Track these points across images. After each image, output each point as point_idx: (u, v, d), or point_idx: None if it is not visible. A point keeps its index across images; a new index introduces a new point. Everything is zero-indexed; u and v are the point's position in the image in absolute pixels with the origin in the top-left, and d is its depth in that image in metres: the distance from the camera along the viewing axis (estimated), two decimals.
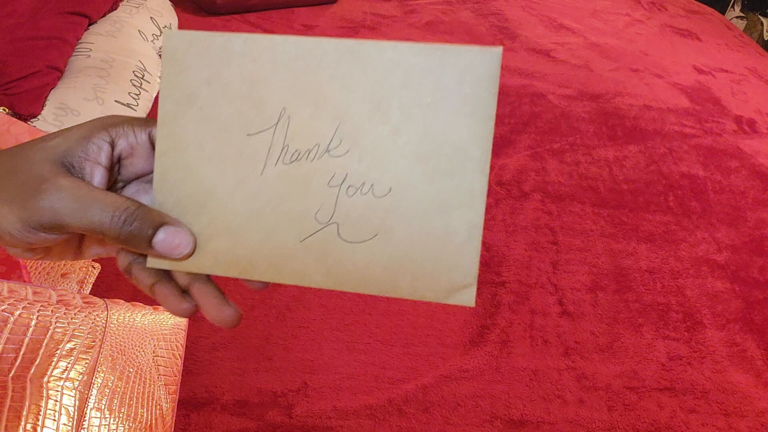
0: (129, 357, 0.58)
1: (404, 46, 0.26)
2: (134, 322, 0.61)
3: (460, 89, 0.26)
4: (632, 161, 1.15)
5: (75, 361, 0.52)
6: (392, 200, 0.27)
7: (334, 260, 0.27)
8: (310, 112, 0.27)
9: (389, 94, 0.26)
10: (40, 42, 1.01)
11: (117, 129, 0.29)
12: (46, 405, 0.48)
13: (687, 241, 1.00)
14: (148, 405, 0.58)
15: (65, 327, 0.53)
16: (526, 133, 1.19)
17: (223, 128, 0.27)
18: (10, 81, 0.93)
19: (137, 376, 0.58)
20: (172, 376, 0.64)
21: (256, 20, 1.43)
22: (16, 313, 0.51)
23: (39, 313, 0.53)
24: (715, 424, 0.76)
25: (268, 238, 0.27)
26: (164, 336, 0.65)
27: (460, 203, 0.26)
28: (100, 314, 0.58)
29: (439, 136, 0.26)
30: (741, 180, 1.15)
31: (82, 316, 0.56)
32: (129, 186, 0.30)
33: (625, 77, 1.40)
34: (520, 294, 0.88)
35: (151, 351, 0.61)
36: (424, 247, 0.27)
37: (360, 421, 0.71)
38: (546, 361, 0.80)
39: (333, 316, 0.81)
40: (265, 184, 0.27)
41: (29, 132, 0.83)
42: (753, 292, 0.93)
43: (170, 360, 0.64)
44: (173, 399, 0.63)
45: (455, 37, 1.48)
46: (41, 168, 0.26)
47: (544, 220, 1.00)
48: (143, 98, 1.06)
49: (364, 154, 0.26)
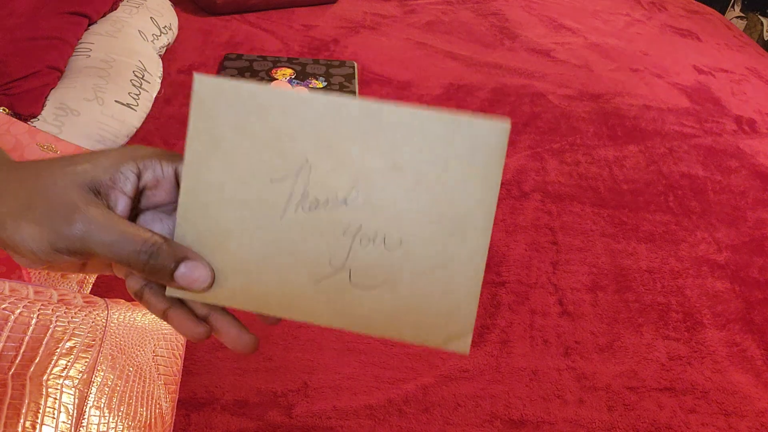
0: (129, 356, 0.58)
1: (422, 114, 0.28)
2: (134, 322, 0.61)
3: (471, 157, 0.28)
4: (632, 161, 1.15)
5: (75, 360, 0.52)
6: (402, 253, 0.29)
7: (343, 303, 0.30)
8: (331, 165, 0.28)
9: (406, 156, 0.28)
10: (40, 42, 1.01)
11: (145, 162, 0.30)
12: (45, 403, 0.48)
13: (687, 241, 1.00)
14: (147, 404, 0.58)
15: (65, 326, 0.53)
16: (526, 133, 1.19)
17: (247, 173, 0.29)
18: (10, 81, 0.93)
19: (137, 375, 0.58)
20: (172, 376, 0.64)
21: (256, 20, 1.43)
22: (16, 312, 0.51)
23: (39, 311, 0.53)
24: (715, 424, 0.76)
25: (283, 278, 0.30)
26: (164, 336, 0.65)
27: (463, 261, 0.29)
28: (101, 313, 0.58)
29: (448, 199, 0.28)
30: (741, 180, 1.15)
31: (82, 315, 0.56)
32: (145, 214, 0.32)
33: (625, 77, 1.40)
34: (520, 294, 0.88)
35: (151, 350, 0.62)
36: (428, 298, 0.29)
37: (360, 421, 0.71)
38: (546, 361, 0.80)
39: None
40: (284, 227, 0.29)
41: (29, 132, 0.83)
42: (753, 292, 0.93)
43: (170, 360, 0.64)
44: (173, 398, 0.63)
45: (455, 36, 1.48)
46: (71, 194, 0.28)
47: (544, 220, 1.00)
48: (143, 98, 1.06)
49: (379, 208, 0.29)
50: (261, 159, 0.29)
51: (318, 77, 1.23)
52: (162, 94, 1.13)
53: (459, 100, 1.25)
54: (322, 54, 1.34)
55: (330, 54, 1.34)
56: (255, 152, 0.29)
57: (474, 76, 1.33)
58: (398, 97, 1.23)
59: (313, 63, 1.27)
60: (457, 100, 1.25)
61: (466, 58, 1.40)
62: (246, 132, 0.29)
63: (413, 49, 1.41)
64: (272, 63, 1.25)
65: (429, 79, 1.30)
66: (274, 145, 0.28)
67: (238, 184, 0.29)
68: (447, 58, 1.39)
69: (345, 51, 1.36)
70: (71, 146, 0.85)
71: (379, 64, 1.33)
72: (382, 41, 1.42)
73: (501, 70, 1.37)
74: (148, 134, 1.04)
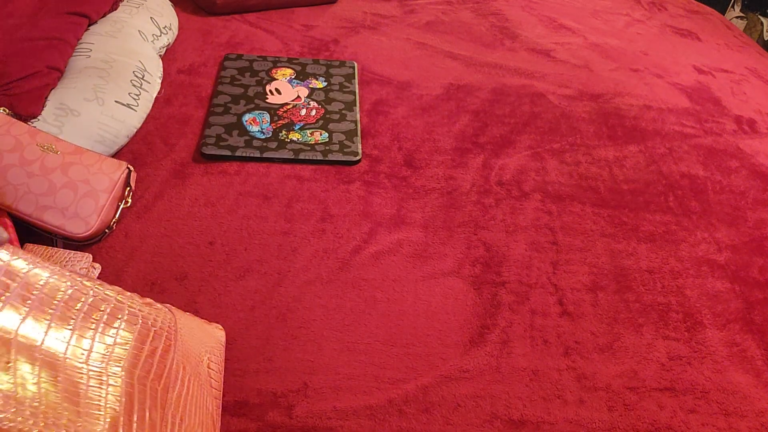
0: (192, 366, 0.57)
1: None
2: (192, 331, 0.61)
3: None
4: (632, 161, 1.15)
5: (159, 362, 0.51)
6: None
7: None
8: None
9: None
10: (40, 42, 1.01)
11: None
12: (146, 405, 0.47)
13: (687, 241, 1.00)
14: (203, 416, 0.58)
15: (160, 326, 0.53)
16: (526, 133, 1.19)
17: None
18: (10, 81, 0.93)
19: (197, 385, 0.58)
20: (218, 390, 0.64)
21: (256, 20, 1.43)
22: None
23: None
24: (716, 424, 0.76)
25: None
26: (213, 348, 0.64)
27: None
28: (167, 315, 0.57)
29: None
30: (741, 180, 1.15)
31: (163, 314, 0.55)
32: None
33: (625, 77, 1.40)
34: (520, 294, 0.88)
35: (206, 363, 0.61)
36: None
37: (360, 422, 0.71)
38: (546, 361, 0.80)
39: (333, 316, 0.81)
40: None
41: (29, 132, 0.83)
42: (753, 292, 0.93)
43: (218, 374, 0.64)
44: (218, 413, 0.62)
45: (455, 36, 1.48)
46: None
47: (544, 220, 1.00)
48: (143, 98, 1.06)
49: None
50: None
51: (318, 77, 1.23)
52: (162, 94, 1.13)
53: (459, 100, 1.25)
54: (322, 54, 1.34)
55: (330, 54, 1.34)
56: None
57: (474, 76, 1.33)
58: (398, 97, 1.23)
59: (313, 63, 1.27)
60: (457, 100, 1.25)
61: (466, 58, 1.40)
62: None
63: (413, 49, 1.41)
64: (272, 63, 1.25)
65: (429, 79, 1.30)
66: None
67: None
68: (447, 58, 1.39)
69: (345, 51, 1.36)
70: (71, 146, 0.85)
71: (379, 64, 1.33)
72: (382, 41, 1.42)
73: (501, 70, 1.37)
74: (148, 134, 1.04)
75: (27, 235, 0.84)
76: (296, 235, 0.91)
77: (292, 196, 0.97)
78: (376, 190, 1.01)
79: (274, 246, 0.89)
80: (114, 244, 0.86)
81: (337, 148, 1.06)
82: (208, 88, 1.17)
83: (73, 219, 0.82)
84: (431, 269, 0.89)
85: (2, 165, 0.80)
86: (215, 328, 0.70)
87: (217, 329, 0.70)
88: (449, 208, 1.00)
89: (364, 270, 0.88)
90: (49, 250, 0.78)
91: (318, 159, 1.03)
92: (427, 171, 1.06)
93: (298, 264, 0.87)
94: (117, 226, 0.88)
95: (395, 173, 1.05)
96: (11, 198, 0.80)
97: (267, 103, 1.14)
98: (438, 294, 0.86)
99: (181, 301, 0.80)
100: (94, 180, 0.84)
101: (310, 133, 1.08)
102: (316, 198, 0.98)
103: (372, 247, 0.91)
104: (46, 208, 0.81)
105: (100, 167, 0.85)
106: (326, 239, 0.91)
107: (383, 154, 1.08)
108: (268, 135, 1.06)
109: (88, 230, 0.82)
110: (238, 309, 0.80)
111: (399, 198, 1.00)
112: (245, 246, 0.88)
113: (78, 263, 0.77)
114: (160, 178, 0.97)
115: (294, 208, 0.95)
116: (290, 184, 0.99)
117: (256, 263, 0.86)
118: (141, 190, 0.95)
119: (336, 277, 0.86)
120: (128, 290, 0.80)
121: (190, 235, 0.89)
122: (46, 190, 0.81)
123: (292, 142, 1.06)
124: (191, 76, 1.20)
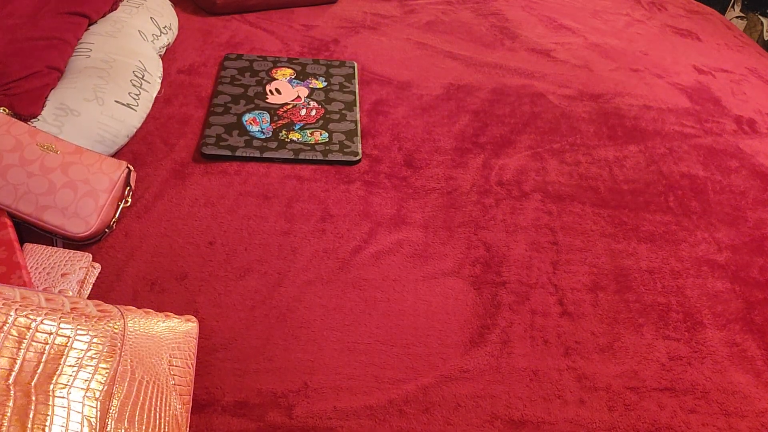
0: (147, 366, 0.57)
1: None
2: (150, 330, 0.61)
3: None
4: (632, 161, 1.15)
5: (95, 372, 0.51)
6: None
7: None
8: None
9: None
10: (40, 42, 1.01)
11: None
12: (68, 417, 0.47)
13: (687, 241, 1.00)
14: (164, 415, 0.57)
15: (86, 337, 0.53)
16: (526, 133, 1.19)
17: None
18: (10, 81, 0.93)
19: (155, 385, 0.57)
20: (186, 386, 0.63)
21: (256, 20, 1.43)
22: (38, 319, 0.51)
23: (61, 320, 0.52)
24: (716, 424, 0.76)
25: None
26: (179, 345, 0.64)
27: None
28: (117, 322, 0.57)
29: None
30: (741, 180, 1.15)
31: (102, 325, 0.55)
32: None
33: (625, 77, 1.40)
34: (520, 294, 0.88)
35: (167, 360, 0.61)
36: None
37: (360, 422, 0.71)
38: (546, 361, 0.80)
39: (333, 316, 0.81)
40: None
41: (29, 132, 0.83)
42: (753, 292, 0.93)
43: (184, 369, 0.64)
44: (186, 409, 0.62)
45: (455, 36, 1.48)
46: None
47: (545, 220, 1.00)
48: (143, 98, 1.06)
49: None
50: None
51: (318, 77, 1.23)
52: (162, 94, 1.13)
53: (459, 100, 1.25)
54: (322, 54, 1.34)
55: (330, 54, 1.34)
56: None
57: (474, 76, 1.33)
58: (398, 97, 1.23)
59: (313, 63, 1.27)
60: (457, 100, 1.25)
61: (466, 58, 1.40)
62: None
63: (413, 49, 1.41)
64: (272, 63, 1.25)
65: (429, 79, 1.30)
66: None
67: None
68: (447, 58, 1.39)
69: (345, 51, 1.36)
70: (71, 146, 0.85)
71: (379, 64, 1.33)
72: (382, 41, 1.42)
73: (501, 70, 1.37)
74: (148, 134, 1.04)
75: (27, 235, 0.84)
76: (296, 235, 0.91)
77: (292, 196, 0.97)
78: (376, 190, 1.01)
79: (274, 246, 0.89)
80: (114, 244, 0.86)
81: (337, 148, 1.06)
82: (208, 88, 1.17)
83: (73, 219, 0.82)
84: (431, 269, 0.89)
85: (2, 165, 0.80)
86: (183, 320, 0.68)
87: (186, 321, 0.68)
88: (449, 208, 1.00)
89: (364, 270, 0.88)
90: (48, 249, 0.78)
91: (318, 159, 1.03)
92: (427, 171, 1.06)
93: (298, 264, 0.87)
94: (117, 226, 0.88)
95: (395, 173, 1.05)
96: (11, 198, 0.80)
97: (267, 103, 1.14)
98: (438, 294, 0.86)
99: (181, 301, 0.80)
100: (94, 180, 0.84)
101: (310, 133, 1.08)
102: (316, 198, 0.98)
103: (372, 247, 0.91)
104: (46, 208, 0.81)
105: (100, 167, 0.85)
106: (326, 239, 0.91)
107: (383, 154, 1.08)
108: (268, 135, 1.06)
109: (88, 230, 0.82)
110: (238, 309, 0.80)
111: (399, 198, 1.00)
112: (245, 246, 0.88)
113: (78, 263, 0.77)
114: (160, 178, 0.97)
115: (294, 208, 0.95)
116: (290, 184, 0.99)
117: (256, 263, 0.86)
118: (141, 189, 0.95)
119: (336, 277, 0.86)
120: (128, 290, 0.80)
121: (190, 235, 0.89)
122: (46, 189, 0.81)
123: (292, 142, 1.06)
124: (191, 76, 1.20)
